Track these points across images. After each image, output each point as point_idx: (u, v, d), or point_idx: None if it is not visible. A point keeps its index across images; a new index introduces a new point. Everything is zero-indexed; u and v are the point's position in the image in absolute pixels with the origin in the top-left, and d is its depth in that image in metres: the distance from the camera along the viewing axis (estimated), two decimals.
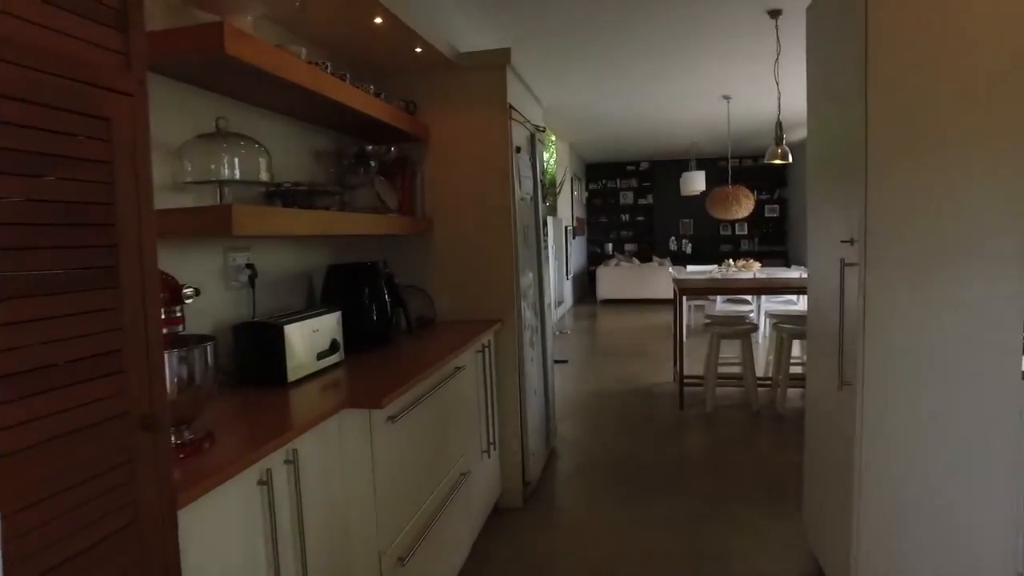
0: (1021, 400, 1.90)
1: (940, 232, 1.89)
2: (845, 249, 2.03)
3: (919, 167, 1.89)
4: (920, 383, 1.94)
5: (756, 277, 7.96)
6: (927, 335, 1.92)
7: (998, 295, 1.89)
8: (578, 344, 7.93)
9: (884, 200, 1.90)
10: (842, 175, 2.10)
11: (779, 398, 4.74)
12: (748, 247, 13.65)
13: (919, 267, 1.91)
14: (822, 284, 2.32)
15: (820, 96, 2.37)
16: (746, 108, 7.77)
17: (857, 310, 1.95)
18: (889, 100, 1.88)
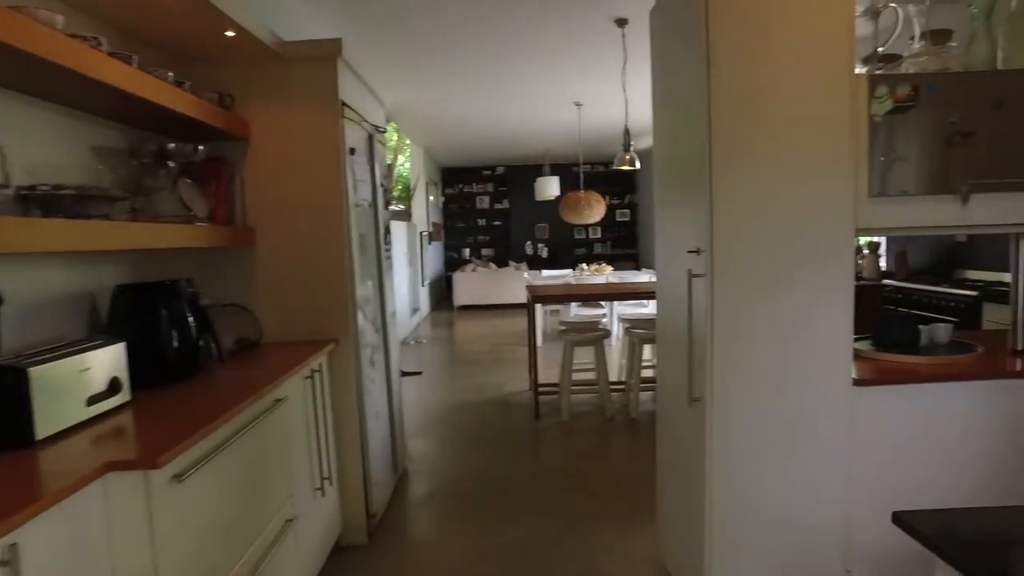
0: (853, 407, 1.94)
1: (782, 242, 1.88)
2: (692, 259, 1.97)
3: (762, 177, 1.86)
4: (764, 395, 1.92)
5: (608, 281, 8.16)
6: (771, 346, 1.90)
7: (831, 305, 1.91)
8: (434, 353, 7.69)
9: (730, 210, 1.86)
10: (687, 184, 2.05)
11: (632, 402, 4.80)
12: (602, 250, 14.15)
13: (763, 278, 1.88)
14: (670, 294, 2.27)
15: (664, 104, 2.32)
16: (596, 115, 7.95)
17: (705, 324, 1.89)
18: (732, 109, 1.84)
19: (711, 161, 1.84)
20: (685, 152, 2.06)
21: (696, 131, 1.90)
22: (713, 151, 1.83)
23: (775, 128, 1.85)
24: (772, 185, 1.87)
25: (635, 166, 5.32)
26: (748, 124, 1.84)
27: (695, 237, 1.96)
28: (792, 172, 1.87)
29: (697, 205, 1.92)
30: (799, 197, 1.87)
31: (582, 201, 8.39)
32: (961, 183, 1.92)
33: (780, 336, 1.90)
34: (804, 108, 1.85)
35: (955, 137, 1.91)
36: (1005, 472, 2.01)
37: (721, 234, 1.86)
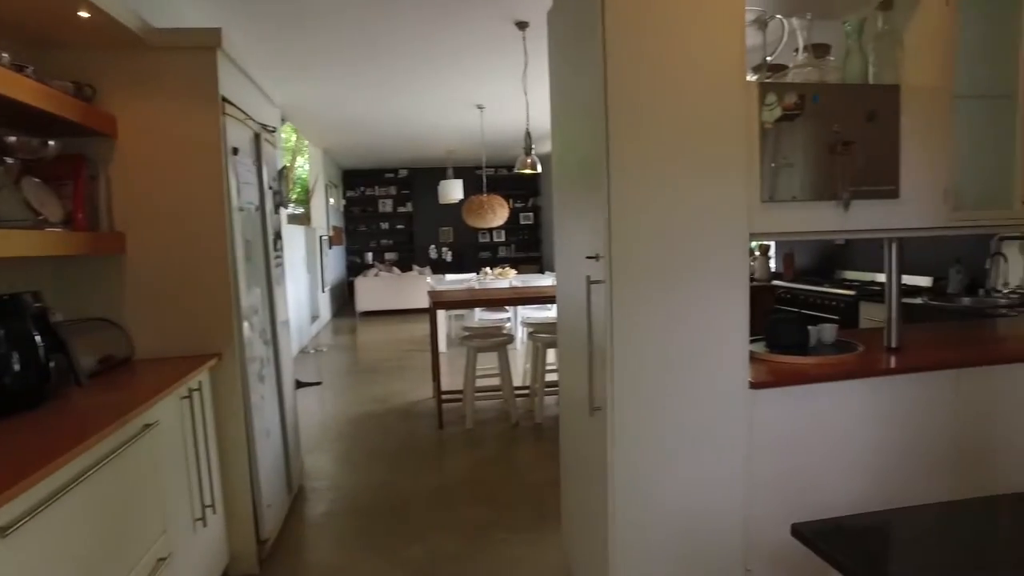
0: (750, 409, 1.97)
1: (680, 247, 1.88)
2: (591, 265, 1.93)
3: (660, 182, 1.86)
4: (665, 402, 1.91)
5: (512, 285, 8.16)
6: (671, 353, 1.90)
7: (728, 309, 1.93)
8: (335, 362, 7.39)
9: (628, 215, 1.84)
10: (585, 189, 2.02)
11: (537, 407, 4.78)
12: (506, 254, 14.19)
13: (662, 284, 1.87)
14: (570, 300, 2.23)
15: (562, 106, 2.29)
16: (499, 117, 7.93)
17: (605, 332, 1.85)
18: (630, 112, 1.82)
19: (609, 166, 1.81)
20: (582, 156, 2.03)
21: (593, 135, 1.87)
22: (611, 155, 1.81)
23: (673, 133, 1.85)
24: (670, 190, 1.86)
25: (536, 169, 5.32)
26: (646, 128, 1.83)
27: (594, 243, 1.92)
28: (689, 177, 1.87)
29: (595, 210, 1.89)
30: (696, 202, 1.88)
31: (485, 205, 8.35)
32: (843, 190, 2.00)
33: (679, 342, 1.90)
34: (700, 113, 1.86)
35: (837, 146, 1.99)
36: (892, 463, 2.11)
37: (619, 240, 1.83)
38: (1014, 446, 2.23)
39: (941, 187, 2.13)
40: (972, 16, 2.17)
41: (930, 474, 2.15)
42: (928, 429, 2.14)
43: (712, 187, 1.89)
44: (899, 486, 2.12)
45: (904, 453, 2.12)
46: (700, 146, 1.87)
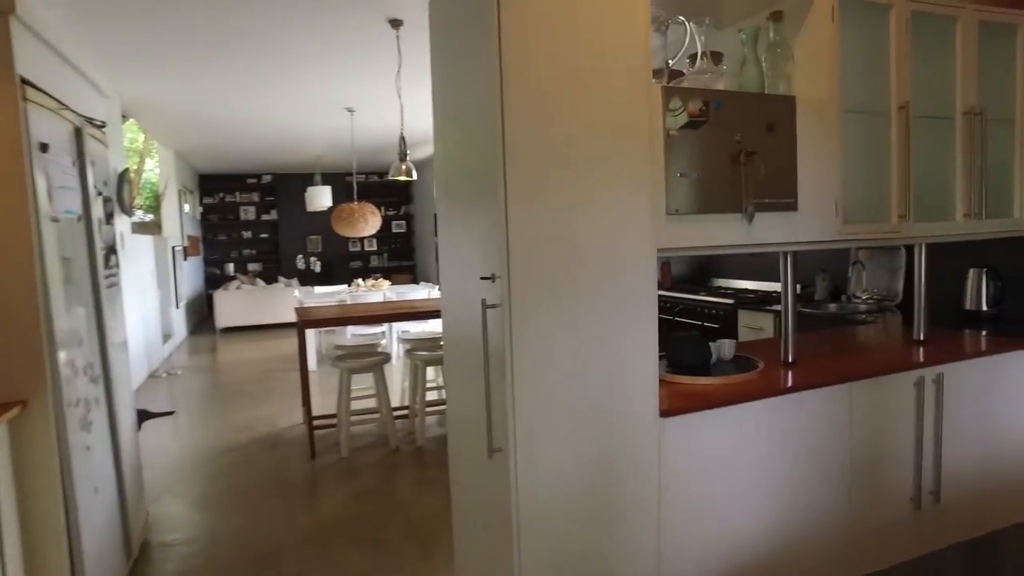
0: (660, 437, 1.82)
1: (586, 266, 1.69)
2: (486, 287, 1.70)
3: (563, 195, 1.66)
4: (572, 439, 1.71)
5: (387, 298, 7.78)
6: (578, 384, 1.71)
7: (637, 333, 1.77)
8: (191, 386, 6.64)
9: (528, 231, 1.62)
10: (476, 201, 1.78)
11: (418, 429, 4.48)
12: (378, 263, 13.68)
13: (567, 307, 1.68)
14: (460, 325, 1.98)
15: (446, 109, 2.03)
16: (371, 122, 7.54)
17: (504, 364, 1.63)
18: (529, 118, 1.61)
19: (505, 177, 1.59)
20: (473, 165, 1.79)
21: (486, 142, 1.64)
22: (508, 166, 1.59)
23: (577, 140, 1.67)
24: (574, 204, 1.67)
25: (412, 176, 5.03)
26: (547, 135, 1.63)
27: (488, 261, 1.69)
28: (595, 189, 1.70)
29: (489, 225, 1.67)
30: (602, 217, 1.71)
31: (356, 213, 7.89)
32: (747, 202, 1.91)
33: (587, 372, 1.71)
34: (606, 118, 1.69)
35: (741, 156, 1.90)
36: (797, 483, 2.05)
37: (519, 259, 1.62)
38: (897, 452, 2.26)
39: (833, 200, 2.11)
40: (853, 34, 2.18)
41: (831, 489, 2.13)
42: (828, 444, 2.11)
43: (618, 200, 1.72)
44: (804, 504, 2.08)
45: (808, 471, 2.08)
46: (606, 155, 1.70)
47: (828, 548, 2.13)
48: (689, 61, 2.08)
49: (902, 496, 2.29)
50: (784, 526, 2.03)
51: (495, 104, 1.57)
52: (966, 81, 2.42)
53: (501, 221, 1.59)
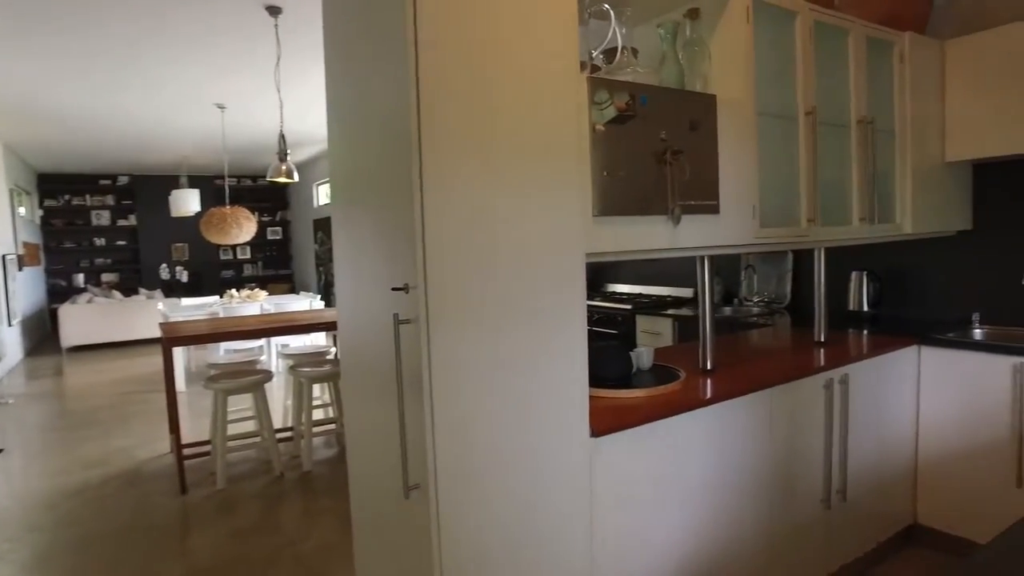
0: (592, 459, 1.67)
1: (512, 273, 1.51)
2: (398, 299, 1.47)
3: (487, 195, 1.47)
4: (500, 469, 1.52)
5: (265, 310, 7.23)
6: (505, 406, 1.52)
7: (567, 346, 1.61)
8: (28, 416, 5.77)
9: (448, 236, 1.41)
10: (384, 202, 1.54)
11: (305, 452, 4.10)
12: (252, 272, 12.81)
13: (492, 320, 1.48)
14: (363, 343, 1.73)
15: (345, 102, 1.78)
16: (244, 119, 6.97)
17: (423, 389, 1.40)
18: (450, 111, 1.40)
19: (422, 178, 1.37)
20: (380, 167, 1.55)
21: (398, 142, 1.42)
22: (425, 167, 1.37)
23: (502, 139, 1.48)
24: (499, 207, 1.49)
25: (292, 178, 4.64)
26: (469, 133, 1.43)
27: (400, 271, 1.47)
28: (522, 191, 1.52)
29: (401, 230, 1.45)
30: (529, 220, 1.53)
31: (229, 218, 7.27)
32: (673, 204, 1.82)
33: (515, 392, 1.53)
34: (532, 114, 1.52)
35: (667, 154, 1.80)
36: (724, 494, 1.98)
37: (438, 267, 1.41)
38: (810, 455, 2.26)
39: (751, 203, 2.07)
40: (764, 38, 2.16)
41: (755, 496, 2.08)
42: (752, 451, 2.06)
43: (547, 202, 1.56)
44: (731, 515, 2.01)
45: (735, 480, 2.02)
46: (533, 153, 1.53)
47: (751, 557, 2.08)
48: (604, 56, 1.96)
49: (814, 497, 2.30)
50: (713, 538, 1.96)
51: (410, 99, 1.35)
52: (859, 92, 2.49)
53: (417, 226, 1.37)
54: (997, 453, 2.51)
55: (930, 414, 2.69)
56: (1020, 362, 2.43)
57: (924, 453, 2.73)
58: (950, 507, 2.66)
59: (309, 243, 11.75)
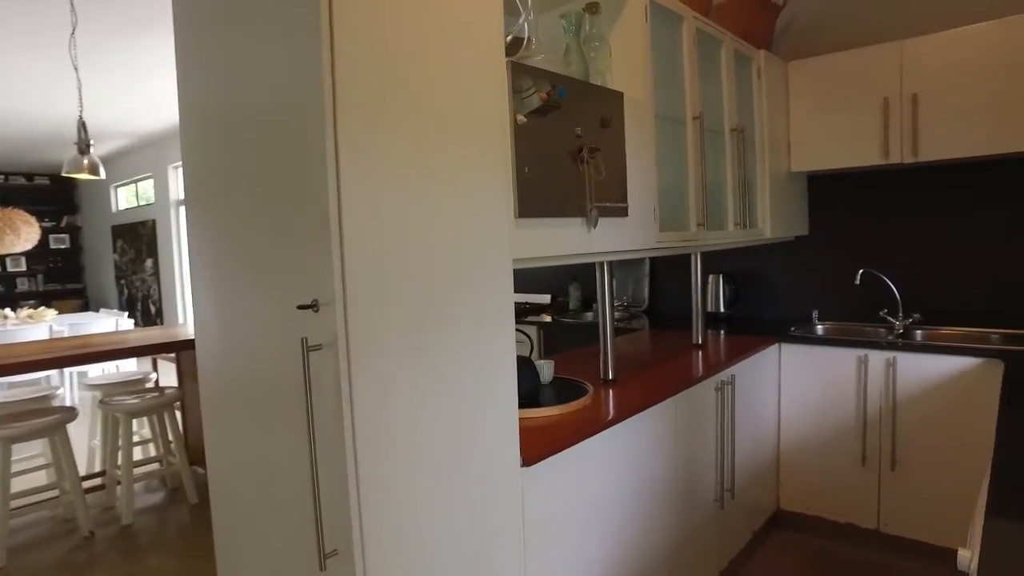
0: (523, 491, 1.48)
1: (433, 286, 1.27)
2: (302, 319, 1.17)
3: (409, 193, 1.22)
4: (433, 516, 1.27)
5: (55, 334, 6.10)
6: (435, 442, 1.28)
7: (497, 366, 1.41)
8: None
9: (367, 243, 1.15)
10: (284, 206, 1.23)
11: (124, 502, 3.43)
12: (31, 287, 10.88)
13: (416, 341, 1.24)
14: (245, 376, 1.39)
15: (210, 79, 1.42)
16: (17, 104, 5.82)
17: (344, 428, 1.12)
18: (368, 94, 1.14)
19: (339, 174, 1.10)
20: (272, 162, 1.24)
21: (302, 134, 1.13)
22: (343, 162, 1.10)
23: (428, 131, 1.25)
24: (427, 204, 1.25)
25: (99, 175, 3.91)
26: (394, 116, 1.18)
27: (298, 282, 1.18)
28: (452, 188, 1.29)
29: (299, 235, 1.16)
30: (456, 222, 1.31)
31: (3, 224, 6.05)
32: (591, 206, 1.69)
33: (448, 423, 1.30)
34: (457, 104, 1.30)
35: (583, 152, 1.67)
36: (640, 506, 1.89)
37: (360, 278, 1.14)
38: (705, 458, 2.27)
39: (651, 206, 2.02)
40: (659, 40, 2.13)
41: (663, 505, 2.02)
42: (662, 460, 2.00)
43: (475, 199, 1.35)
44: (646, 524, 1.93)
45: (648, 491, 1.94)
46: (463, 144, 1.31)
47: (660, 562, 2.02)
48: (510, 43, 1.79)
49: (708, 498, 2.31)
50: (630, 547, 1.86)
51: (322, 84, 1.07)
52: (731, 101, 2.58)
53: (333, 229, 1.09)
54: (846, 436, 2.73)
55: (790, 406, 2.86)
56: (863, 354, 2.66)
57: (785, 442, 2.90)
58: (807, 490, 2.85)
59: (107, 253, 10.22)
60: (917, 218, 2.98)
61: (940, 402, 2.49)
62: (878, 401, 2.64)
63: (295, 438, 1.23)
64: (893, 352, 2.58)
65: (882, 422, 2.63)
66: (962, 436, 2.45)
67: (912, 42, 2.67)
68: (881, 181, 3.06)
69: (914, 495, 2.58)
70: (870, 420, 2.66)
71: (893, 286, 2.97)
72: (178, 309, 7.83)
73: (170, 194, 7.74)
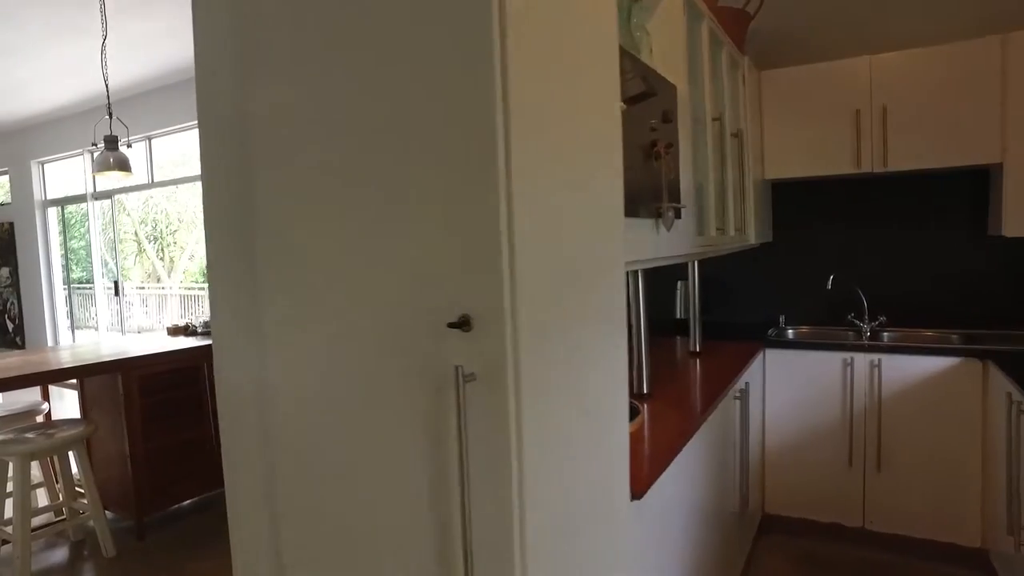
0: (630, 527, 1.30)
1: (568, 295, 1.08)
2: (447, 342, 0.93)
3: (564, 189, 1.02)
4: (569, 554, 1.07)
5: None
6: (582, 473, 1.08)
7: (612, 382, 1.23)
8: None
9: (532, 242, 0.93)
10: (414, 198, 0.98)
11: (20, 564, 2.84)
12: None
13: (574, 360, 1.03)
14: (338, 420, 1.11)
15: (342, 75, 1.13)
16: None
17: (513, 490, 0.89)
18: (534, 77, 0.93)
19: (509, 161, 0.88)
20: (408, 156, 0.99)
21: (459, 134, 0.90)
22: (512, 145, 0.88)
23: (580, 116, 1.05)
24: (569, 201, 1.05)
25: None
26: (552, 105, 0.98)
27: (432, 295, 0.94)
28: (586, 179, 1.10)
29: (452, 238, 0.93)
30: (590, 218, 1.12)
31: None
32: (667, 206, 1.55)
33: (589, 453, 1.10)
34: (595, 84, 1.12)
35: (659, 148, 1.53)
36: (701, 515, 1.77)
37: (526, 289, 0.92)
38: (729, 465, 2.20)
39: (690, 209, 1.92)
40: None
41: (713, 520, 1.92)
42: (710, 475, 1.90)
43: (600, 194, 1.16)
44: (708, 548, 1.81)
45: (703, 510, 1.82)
46: (593, 135, 1.13)
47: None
48: None
49: (732, 509, 2.24)
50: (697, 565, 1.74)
51: (493, 75, 0.86)
52: (733, 105, 2.55)
53: (501, 227, 0.87)
54: (831, 438, 2.78)
55: (774, 410, 2.88)
56: (849, 357, 2.72)
57: (770, 447, 2.91)
58: (792, 493, 2.87)
59: None
60: (875, 226, 3.12)
61: (923, 401, 2.59)
62: (863, 402, 2.70)
63: (414, 494, 0.98)
64: (878, 354, 2.66)
65: (867, 423, 2.70)
66: (945, 433, 2.56)
67: (880, 57, 2.79)
68: (841, 189, 3.18)
69: (899, 492, 2.66)
70: (856, 421, 2.72)
71: (860, 291, 3.09)
72: (46, 328, 6.81)
73: (34, 194, 6.72)
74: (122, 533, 3.24)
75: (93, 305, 6.79)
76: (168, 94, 5.36)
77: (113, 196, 6.31)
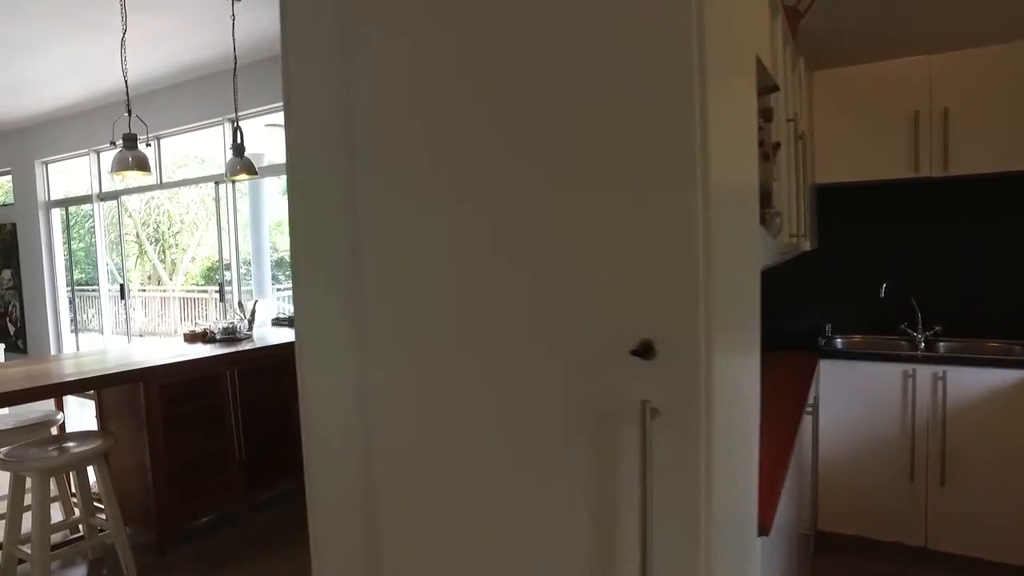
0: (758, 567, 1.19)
1: (741, 308, 0.96)
2: (626, 367, 0.81)
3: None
4: None
5: None
6: (728, 506, 0.96)
7: (751, 400, 1.11)
8: None
9: (722, 245, 0.82)
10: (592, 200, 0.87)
11: None
12: None
13: (737, 386, 0.92)
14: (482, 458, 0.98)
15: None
16: None
17: (700, 550, 0.77)
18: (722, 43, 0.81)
19: (706, 134, 0.76)
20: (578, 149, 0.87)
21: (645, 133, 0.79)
22: (710, 138, 0.77)
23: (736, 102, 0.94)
24: (736, 213, 0.94)
25: None
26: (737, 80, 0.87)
27: (619, 311, 0.82)
28: (740, 191, 0.99)
29: (637, 235, 0.81)
30: (741, 230, 1.00)
31: None
32: (775, 210, 1.44)
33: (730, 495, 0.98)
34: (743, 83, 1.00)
35: (765, 146, 1.42)
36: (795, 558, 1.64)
37: (720, 306, 0.80)
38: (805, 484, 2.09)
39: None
40: None
41: (797, 548, 1.80)
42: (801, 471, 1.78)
43: (747, 203, 1.05)
44: None
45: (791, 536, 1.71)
46: (740, 133, 1.01)
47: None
48: None
49: (802, 530, 2.12)
50: None
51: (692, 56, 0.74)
52: (800, 106, 2.44)
53: (698, 229, 0.75)
54: (892, 452, 2.67)
55: (827, 421, 2.77)
56: (909, 368, 2.62)
57: (824, 461, 2.80)
58: (847, 509, 2.76)
59: None
60: (931, 232, 3.01)
61: (991, 414, 2.49)
62: (926, 415, 2.60)
63: (565, 543, 0.86)
64: (942, 366, 2.56)
65: (930, 436, 2.60)
66: (1015, 449, 2.46)
67: (940, 57, 2.70)
68: (889, 194, 3.07)
69: (965, 510, 2.56)
70: (918, 434, 2.62)
71: (913, 299, 2.99)
72: (49, 331, 6.60)
73: (37, 194, 6.53)
74: (141, 549, 3.09)
75: (94, 308, 6.60)
76: (174, 94, 5.21)
77: (119, 197, 6.13)
